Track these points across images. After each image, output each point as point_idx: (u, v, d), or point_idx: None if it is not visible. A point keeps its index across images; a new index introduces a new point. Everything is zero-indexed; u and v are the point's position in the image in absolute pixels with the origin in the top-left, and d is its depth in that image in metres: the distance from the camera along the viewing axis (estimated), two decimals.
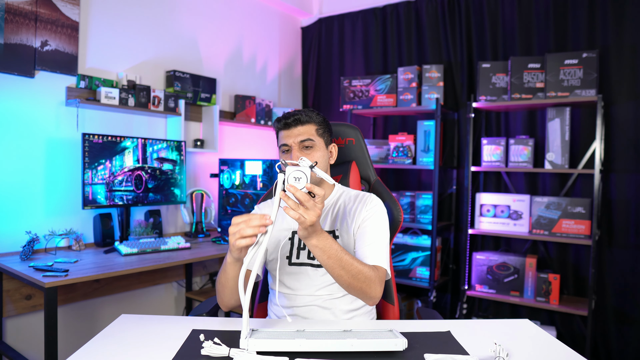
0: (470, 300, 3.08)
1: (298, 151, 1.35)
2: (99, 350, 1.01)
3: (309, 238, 1.13)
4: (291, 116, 1.37)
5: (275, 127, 1.41)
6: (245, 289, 1.01)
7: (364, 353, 0.99)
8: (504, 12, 3.04)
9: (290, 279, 1.36)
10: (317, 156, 1.37)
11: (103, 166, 2.37)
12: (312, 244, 1.14)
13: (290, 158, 1.35)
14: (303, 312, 1.34)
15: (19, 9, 2.17)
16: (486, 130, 3.15)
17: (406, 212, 3.18)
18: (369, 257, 1.28)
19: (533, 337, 1.16)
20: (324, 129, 1.42)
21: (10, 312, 2.20)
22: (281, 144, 1.38)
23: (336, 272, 1.18)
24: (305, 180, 1.06)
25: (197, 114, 3.09)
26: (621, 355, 2.70)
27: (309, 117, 1.38)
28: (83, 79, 2.42)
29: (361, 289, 1.21)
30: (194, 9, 3.07)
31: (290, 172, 1.06)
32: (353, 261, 1.19)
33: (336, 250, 1.16)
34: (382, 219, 1.38)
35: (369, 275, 1.21)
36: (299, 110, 1.39)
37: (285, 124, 1.37)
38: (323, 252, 1.14)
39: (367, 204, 1.38)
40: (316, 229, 1.12)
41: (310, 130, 1.37)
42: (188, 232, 2.87)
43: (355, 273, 1.19)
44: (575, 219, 2.67)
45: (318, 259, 1.17)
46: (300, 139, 1.35)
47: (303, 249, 1.38)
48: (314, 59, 3.94)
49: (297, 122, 1.36)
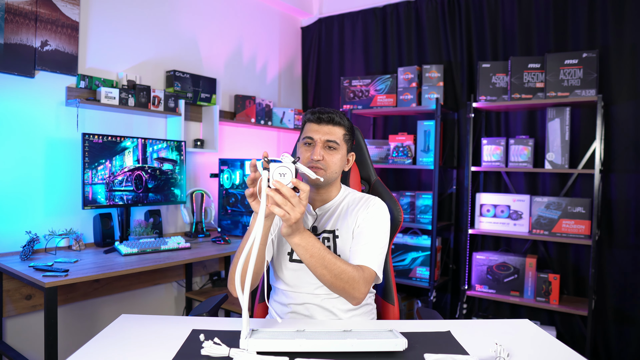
0: (470, 300, 3.08)
1: (321, 148, 1.35)
2: (99, 350, 1.01)
3: (292, 236, 1.13)
4: (326, 113, 1.37)
5: (306, 119, 1.40)
6: (243, 289, 1.01)
7: (364, 353, 0.99)
8: (504, 12, 3.04)
9: (290, 275, 1.37)
10: (337, 159, 1.36)
11: (103, 166, 2.37)
12: (295, 242, 1.14)
13: (312, 152, 1.34)
14: (301, 309, 1.35)
15: (19, 9, 2.17)
16: (486, 130, 3.15)
17: (406, 212, 3.18)
18: (359, 257, 1.28)
19: (533, 337, 1.16)
20: (350, 136, 1.42)
21: (10, 312, 2.20)
22: (306, 136, 1.37)
23: (318, 271, 1.18)
24: (290, 175, 1.05)
25: (197, 114, 3.09)
26: (621, 355, 2.70)
27: (341, 119, 1.38)
28: (83, 79, 2.42)
29: (344, 289, 1.21)
30: (194, 9, 3.07)
31: (274, 168, 1.05)
32: (336, 260, 1.18)
33: (319, 249, 1.16)
34: (381, 221, 1.37)
35: (352, 275, 1.20)
36: (334, 109, 1.39)
37: (318, 118, 1.36)
38: (306, 250, 1.15)
39: (369, 206, 1.37)
40: (299, 226, 1.12)
41: (339, 133, 1.37)
42: (188, 232, 2.87)
43: (338, 272, 1.18)
44: (575, 219, 2.67)
45: (301, 258, 1.17)
46: (327, 138, 1.35)
47: None
48: (314, 59, 3.94)
49: (330, 120, 1.36)
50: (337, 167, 1.37)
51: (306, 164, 1.34)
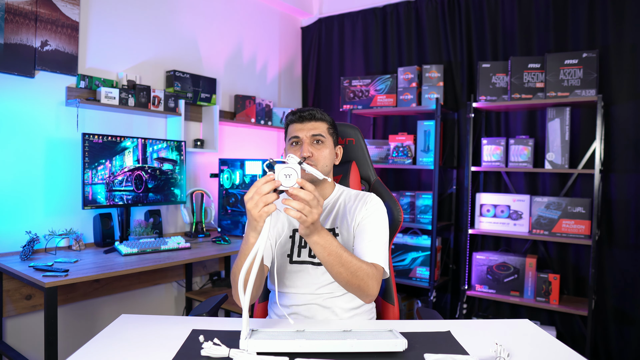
0: (470, 300, 3.08)
1: (309, 145, 1.37)
2: (99, 350, 1.01)
3: (310, 235, 1.12)
4: (306, 111, 1.40)
5: (288, 120, 1.44)
6: (245, 289, 1.01)
7: (364, 353, 0.99)
8: (504, 12, 3.04)
9: (291, 277, 1.37)
10: (326, 153, 1.39)
11: (103, 166, 2.37)
12: (314, 241, 1.13)
13: (300, 151, 1.36)
14: (303, 310, 1.34)
15: (19, 9, 2.17)
16: (486, 130, 3.15)
17: (406, 212, 3.18)
18: (367, 254, 1.29)
19: (533, 337, 1.16)
20: (334, 129, 1.46)
21: (10, 312, 2.20)
22: (292, 137, 1.40)
23: (335, 269, 1.18)
24: (295, 176, 1.04)
25: (197, 114, 3.09)
26: (621, 355, 2.70)
27: (322, 115, 1.42)
28: (83, 79, 2.42)
29: (359, 286, 1.22)
30: (194, 9, 3.07)
31: (279, 169, 1.04)
32: (352, 258, 1.19)
33: (336, 247, 1.16)
34: (381, 217, 1.38)
35: (367, 272, 1.22)
36: (312, 107, 1.41)
37: (300, 117, 1.40)
38: (324, 249, 1.15)
39: (367, 203, 1.39)
40: (317, 226, 1.12)
41: (323, 127, 1.41)
42: (188, 232, 2.87)
43: (354, 270, 1.19)
44: (575, 219, 2.67)
45: (318, 256, 1.17)
46: (312, 133, 1.38)
47: (304, 247, 1.38)
48: (314, 59, 3.94)
49: (311, 117, 1.40)
50: (327, 161, 1.40)
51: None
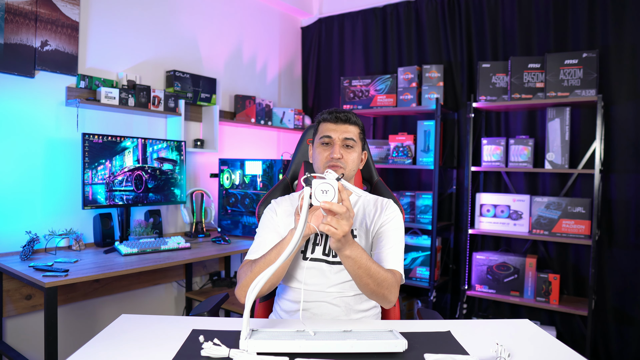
0: (470, 300, 3.08)
1: (340, 147, 1.37)
2: (99, 350, 1.01)
3: (342, 249, 1.13)
4: (342, 112, 1.40)
5: (321, 118, 1.43)
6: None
7: (364, 354, 0.99)
8: (504, 12, 3.04)
9: (304, 274, 1.36)
10: (354, 157, 1.40)
11: (103, 166, 2.37)
12: (345, 255, 1.14)
13: (330, 151, 1.37)
14: (312, 307, 1.34)
15: (19, 9, 2.17)
16: (486, 130, 3.15)
17: (406, 212, 3.18)
18: (388, 261, 1.30)
19: (533, 337, 1.16)
20: (363, 135, 1.47)
21: (10, 312, 2.20)
22: (324, 135, 1.39)
23: (364, 281, 1.19)
24: (333, 192, 1.04)
25: (197, 114, 3.09)
26: (621, 355, 2.70)
27: (356, 119, 1.42)
28: (83, 79, 2.42)
29: (383, 295, 1.24)
30: (194, 9, 3.07)
31: (317, 185, 1.04)
32: (379, 269, 1.20)
33: (366, 259, 1.17)
34: (400, 224, 1.40)
35: (391, 282, 1.23)
36: (348, 110, 1.42)
37: (336, 117, 1.39)
38: (354, 262, 1.15)
39: (386, 209, 1.40)
40: (348, 239, 1.12)
41: (355, 132, 1.41)
42: (188, 232, 2.87)
43: (380, 281, 1.20)
44: (575, 219, 2.67)
45: (348, 269, 1.17)
46: (345, 136, 1.38)
47: (318, 244, 1.38)
48: (314, 59, 3.94)
49: (347, 119, 1.39)
50: (354, 165, 1.41)
51: (325, 163, 1.37)
